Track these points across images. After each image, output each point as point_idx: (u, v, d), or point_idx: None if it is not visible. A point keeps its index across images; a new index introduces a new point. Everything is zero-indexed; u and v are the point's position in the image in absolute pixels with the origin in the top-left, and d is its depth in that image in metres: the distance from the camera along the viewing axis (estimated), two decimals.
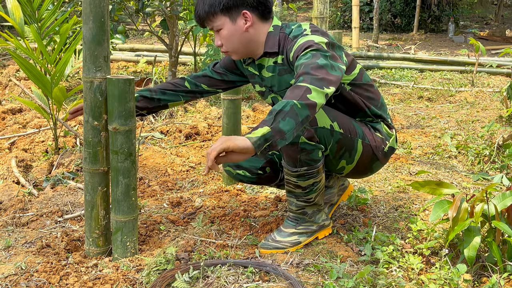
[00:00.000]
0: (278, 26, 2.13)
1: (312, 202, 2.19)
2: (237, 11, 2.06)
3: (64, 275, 2.02)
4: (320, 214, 2.24)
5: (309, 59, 1.91)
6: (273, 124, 1.68)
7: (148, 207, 2.69)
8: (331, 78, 1.86)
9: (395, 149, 2.29)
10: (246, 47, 2.13)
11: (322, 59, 1.90)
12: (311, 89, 1.77)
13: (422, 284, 1.94)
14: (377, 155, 2.21)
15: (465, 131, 3.95)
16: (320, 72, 1.85)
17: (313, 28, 2.08)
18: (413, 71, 6.75)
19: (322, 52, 1.93)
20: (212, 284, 1.89)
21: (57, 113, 3.46)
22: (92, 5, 1.99)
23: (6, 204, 2.73)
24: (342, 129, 2.10)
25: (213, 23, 2.09)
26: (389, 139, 2.24)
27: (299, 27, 2.09)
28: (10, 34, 4.06)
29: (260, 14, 2.10)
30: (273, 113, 1.71)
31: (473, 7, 15.01)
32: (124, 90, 2.01)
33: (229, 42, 2.11)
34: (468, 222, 1.96)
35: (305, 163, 2.06)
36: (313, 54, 1.93)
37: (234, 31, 2.08)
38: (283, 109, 1.71)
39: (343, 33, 3.89)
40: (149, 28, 5.63)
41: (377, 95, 2.24)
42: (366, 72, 2.24)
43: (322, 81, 1.81)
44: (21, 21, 4.18)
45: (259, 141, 1.67)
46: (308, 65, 1.88)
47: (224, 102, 2.99)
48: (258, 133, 1.67)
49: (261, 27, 2.12)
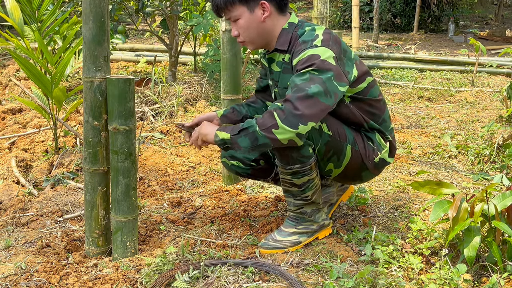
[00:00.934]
0: (293, 24, 2.13)
1: (309, 200, 2.19)
2: (256, 1, 2.07)
3: (64, 275, 2.02)
4: (319, 213, 2.24)
5: (303, 82, 1.94)
6: (235, 135, 1.99)
7: (148, 207, 2.69)
8: (313, 113, 1.92)
9: (387, 162, 2.25)
10: (262, 37, 2.13)
11: (316, 86, 1.92)
12: (279, 126, 1.91)
13: (422, 284, 1.94)
14: (367, 164, 2.18)
15: (465, 131, 3.95)
16: (304, 104, 1.91)
17: (326, 35, 2.04)
18: (413, 71, 6.75)
19: (323, 74, 1.94)
20: (212, 284, 1.89)
21: (57, 113, 3.46)
22: (92, 5, 1.99)
23: (6, 204, 2.73)
24: (331, 132, 2.10)
25: (231, 12, 2.10)
26: (381, 150, 2.21)
27: (312, 31, 2.06)
28: (11, 34, 4.07)
29: (278, 6, 2.11)
30: (242, 127, 1.98)
31: (473, 7, 15.00)
32: (124, 90, 2.01)
33: (246, 32, 2.12)
34: (468, 222, 1.96)
35: (297, 160, 2.07)
36: (311, 78, 1.94)
37: (252, 21, 2.09)
38: (249, 128, 1.96)
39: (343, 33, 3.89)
40: (149, 28, 5.63)
41: (381, 110, 2.21)
42: (376, 86, 2.19)
43: (298, 119, 1.90)
44: (20, 21, 4.18)
45: (220, 142, 2.03)
46: (297, 91, 1.93)
47: (224, 102, 2.99)
48: (222, 135, 2.02)
49: (278, 20, 2.12)
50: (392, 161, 2.28)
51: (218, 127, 2.08)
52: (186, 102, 4.80)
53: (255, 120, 1.97)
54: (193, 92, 5.07)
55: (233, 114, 2.37)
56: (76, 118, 4.32)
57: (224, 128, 2.06)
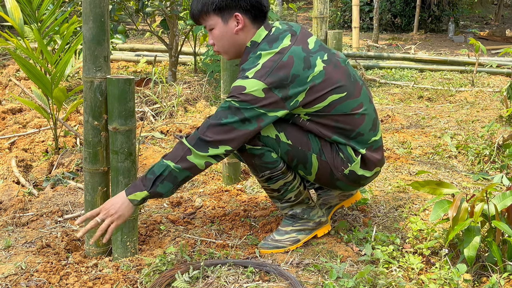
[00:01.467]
0: (255, 43, 2.06)
1: (294, 201, 2.19)
2: (230, 13, 2.05)
3: (64, 275, 2.02)
4: (313, 211, 2.24)
5: (222, 110, 1.94)
6: (152, 188, 1.92)
7: (148, 207, 2.69)
8: (225, 138, 1.92)
9: (362, 176, 2.12)
10: (235, 49, 2.12)
11: (232, 116, 1.92)
12: (191, 151, 1.92)
13: (422, 284, 1.94)
14: (336, 175, 2.10)
15: (465, 131, 3.95)
16: (214, 131, 1.92)
17: (268, 63, 1.95)
18: (413, 71, 6.75)
19: (242, 105, 1.91)
20: (212, 284, 1.89)
21: (57, 113, 3.46)
22: (92, 5, 1.99)
23: (6, 204, 2.73)
24: (291, 141, 2.05)
25: (206, 22, 2.09)
26: (351, 163, 2.09)
27: (256, 59, 1.99)
28: (10, 34, 4.07)
29: (253, 18, 2.07)
30: (152, 176, 1.92)
31: (473, 7, 15.01)
32: (124, 90, 2.01)
33: (220, 43, 2.11)
34: (468, 222, 1.96)
35: (264, 167, 2.06)
36: (229, 107, 1.93)
37: (225, 32, 2.07)
38: (162, 173, 1.92)
39: (343, 33, 3.89)
40: (149, 28, 5.63)
41: (355, 125, 2.08)
42: (348, 102, 2.05)
43: (207, 144, 1.91)
44: (20, 21, 4.19)
45: (140, 202, 1.95)
46: (213, 118, 1.94)
47: None
48: (138, 197, 1.93)
49: (251, 32, 2.08)
50: (369, 174, 2.14)
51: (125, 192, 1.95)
52: (186, 102, 4.81)
53: (162, 159, 1.94)
54: (193, 92, 5.07)
55: None
56: (76, 118, 4.32)
57: (132, 187, 1.94)
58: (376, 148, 2.15)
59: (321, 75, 2.01)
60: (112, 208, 1.93)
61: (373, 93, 5.61)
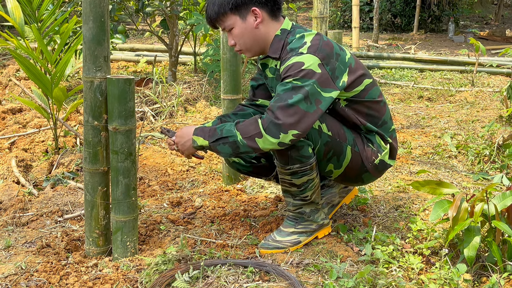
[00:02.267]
0: (286, 30, 2.13)
1: (308, 200, 2.19)
2: (247, 9, 2.07)
3: (64, 275, 2.02)
4: (318, 213, 2.24)
5: (285, 92, 1.96)
6: (213, 143, 2.04)
7: (148, 207, 2.69)
8: (293, 121, 1.94)
9: (388, 165, 2.23)
10: (258, 44, 2.14)
11: (298, 96, 1.94)
12: (263, 135, 1.95)
13: (422, 284, 1.94)
14: (367, 166, 2.18)
15: (465, 131, 3.95)
16: (284, 113, 1.93)
17: (315, 41, 2.04)
18: (413, 71, 6.75)
19: (304, 82, 1.95)
20: (212, 284, 1.89)
21: (57, 113, 3.46)
22: (92, 5, 1.99)
23: (6, 204, 2.73)
24: (331, 132, 2.10)
25: (224, 23, 2.11)
26: (381, 152, 2.20)
27: (301, 38, 2.06)
28: (10, 34, 4.07)
29: (270, 11, 2.11)
30: (221, 135, 2.02)
31: (473, 7, 15.00)
32: (124, 90, 2.01)
33: (241, 40, 2.13)
34: (468, 222, 1.96)
35: (297, 160, 2.07)
36: (292, 87, 1.95)
37: (245, 29, 2.10)
38: (229, 138, 2.00)
39: (343, 33, 3.89)
40: (149, 28, 5.63)
41: (381, 112, 2.20)
42: (376, 88, 2.19)
43: (278, 128, 1.93)
44: (21, 21, 4.18)
45: (198, 147, 2.10)
46: (279, 100, 1.96)
47: (224, 102, 2.99)
48: (199, 142, 2.08)
49: (271, 25, 2.12)
50: (393, 164, 2.26)
51: (194, 130, 2.10)
52: (186, 102, 4.81)
53: (234, 127, 2.00)
54: (193, 92, 5.07)
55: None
56: (76, 118, 4.32)
57: (202, 130, 2.08)
58: (394, 137, 2.28)
59: (352, 59, 2.13)
60: (180, 138, 2.14)
61: None
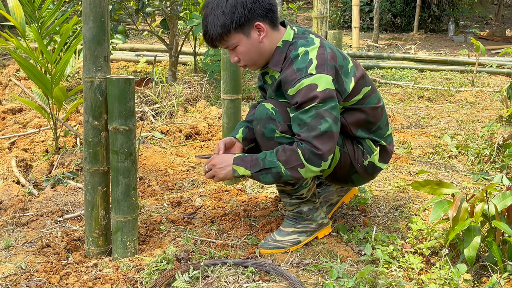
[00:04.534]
0: (287, 42, 2.08)
1: (305, 198, 2.19)
2: (250, 25, 2.03)
3: (64, 275, 2.02)
4: (317, 212, 2.24)
5: (311, 119, 1.94)
6: (255, 173, 2.03)
7: (148, 207, 2.69)
8: (331, 147, 1.97)
9: (378, 167, 2.21)
10: (263, 57, 2.11)
11: (326, 120, 1.94)
12: (305, 165, 1.96)
13: (422, 284, 1.94)
14: (356, 167, 2.18)
15: (465, 131, 3.95)
16: (321, 142, 1.94)
17: (320, 57, 1.99)
18: (413, 71, 6.75)
19: (327, 104, 1.95)
20: (212, 284, 1.89)
21: (57, 113, 3.46)
22: (92, 5, 1.99)
23: (6, 204, 2.73)
24: None
25: (228, 42, 2.06)
26: (370, 154, 2.18)
27: (305, 55, 2.00)
28: (10, 34, 4.06)
29: (271, 22, 2.07)
30: (264, 166, 2.01)
31: (473, 7, 15.00)
32: (124, 90, 2.01)
33: (247, 57, 2.09)
34: (468, 222, 1.96)
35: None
36: (317, 113, 1.94)
37: (251, 45, 2.06)
38: (271, 169, 2.00)
39: (343, 33, 3.89)
40: (149, 28, 5.63)
41: (377, 118, 2.18)
42: (374, 95, 2.17)
43: (320, 158, 1.95)
44: (22, 21, 4.18)
45: (239, 176, 2.08)
46: (311, 130, 1.95)
47: (225, 102, 2.99)
48: (240, 172, 2.06)
49: (274, 36, 2.09)
50: (384, 167, 2.24)
51: (234, 159, 2.08)
52: (186, 102, 4.81)
53: (276, 157, 1.99)
54: (193, 92, 5.07)
55: (250, 133, 2.33)
56: (76, 118, 4.32)
57: (241, 160, 2.06)
58: (390, 141, 2.27)
59: (354, 67, 2.11)
60: (219, 165, 2.10)
61: None
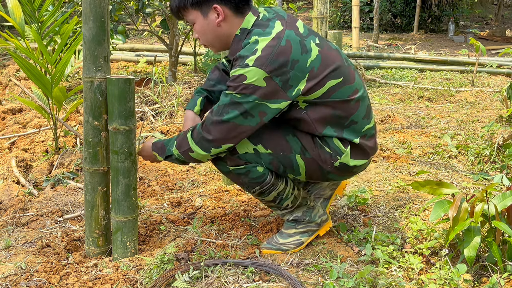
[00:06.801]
0: (245, 30, 1.99)
1: (292, 207, 2.18)
2: (208, 5, 1.98)
3: (64, 275, 2.02)
4: (314, 211, 2.23)
5: (223, 104, 1.92)
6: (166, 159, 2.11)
7: (148, 207, 2.69)
8: (228, 136, 1.93)
9: (353, 166, 2.07)
10: (221, 41, 2.05)
11: (233, 111, 1.90)
12: (193, 150, 2.00)
13: (422, 284, 1.94)
14: (327, 169, 2.05)
15: (465, 131, 3.95)
16: (217, 129, 1.93)
17: (267, 50, 1.88)
18: (413, 71, 6.75)
19: (244, 98, 1.88)
20: (212, 284, 1.89)
21: (57, 113, 3.46)
22: (92, 5, 1.99)
23: (6, 204, 2.73)
24: (270, 149, 2.02)
25: (186, 17, 2.06)
26: (340, 155, 2.03)
27: (254, 44, 1.90)
28: (10, 34, 4.06)
29: (234, 8, 1.98)
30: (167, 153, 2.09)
31: (473, 7, 15.00)
32: (124, 90, 2.01)
33: (203, 36, 2.06)
34: (468, 222, 1.96)
35: (253, 184, 2.06)
36: (231, 101, 1.90)
37: (206, 25, 2.01)
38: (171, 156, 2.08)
39: (343, 33, 3.89)
40: (149, 28, 5.63)
41: (350, 112, 2.02)
42: (346, 87, 2.01)
43: (210, 143, 1.96)
44: (21, 21, 4.18)
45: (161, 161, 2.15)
46: (216, 114, 1.94)
47: None
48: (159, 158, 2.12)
49: (235, 22, 2.00)
50: (362, 163, 2.08)
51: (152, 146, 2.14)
52: (186, 102, 4.80)
53: (175, 141, 2.06)
54: (193, 92, 5.07)
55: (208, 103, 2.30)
56: (76, 118, 4.32)
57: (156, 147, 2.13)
58: (369, 136, 2.10)
59: (318, 60, 1.96)
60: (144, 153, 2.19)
61: (373, 93, 5.61)
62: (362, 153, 2.08)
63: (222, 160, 2.05)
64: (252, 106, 1.90)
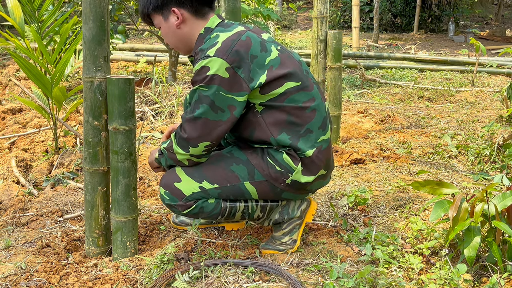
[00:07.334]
0: (209, 29, 2.04)
1: (264, 214, 2.15)
2: (167, 9, 2.04)
3: (64, 275, 2.02)
4: (290, 207, 2.17)
5: (193, 101, 1.94)
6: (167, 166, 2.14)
7: (148, 207, 2.69)
8: (202, 134, 1.95)
9: (304, 183, 2.02)
10: (184, 43, 2.10)
11: (203, 106, 1.91)
12: (174, 150, 2.03)
13: (422, 284, 1.94)
14: (279, 187, 2.03)
15: (465, 131, 3.95)
16: (191, 127, 1.95)
17: (227, 42, 1.92)
18: (413, 71, 6.75)
19: (210, 89, 1.90)
20: (212, 284, 1.89)
21: (57, 113, 3.46)
22: (92, 5, 1.99)
23: (6, 204, 2.73)
24: (217, 184, 2.02)
25: (153, 21, 2.12)
26: (291, 172, 1.99)
27: (216, 38, 1.95)
28: (10, 33, 4.06)
29: (193, 10, 2.04)
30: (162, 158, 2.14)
31: (473, 7, 15.00)
32: (124, 90, 2.01)
33: (167, 39, 2.13)
34: (468, 222, 1.96)
35: (214, 215, 2.08)
36: (199, 96, 1.92)
37: (168, 28, 2.08)
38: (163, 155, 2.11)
39: (343, 33, 3.88)
40: (149, 28, 5.63)
41: (305, 120, 2.00)
42: (304, 92, 2.00)
43: (186, 142, 1.98)
44: (21, 21, 4.18)
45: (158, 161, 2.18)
46: (189, 112, 1.96)
47: None
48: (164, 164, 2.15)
49: (196, 24, 2.05)
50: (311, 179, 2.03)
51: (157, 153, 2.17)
52: None
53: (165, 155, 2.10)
54: None
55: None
56: (76, 118, 4.32)
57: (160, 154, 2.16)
58: (324, 148, 2.05)
59: (277, 61, 1.98)
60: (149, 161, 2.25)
61: (373, 93, 5.61)
62: (314, 167, 2.03)
63: (175, 208, 2.07)
64: (219, 98, 1.91)
